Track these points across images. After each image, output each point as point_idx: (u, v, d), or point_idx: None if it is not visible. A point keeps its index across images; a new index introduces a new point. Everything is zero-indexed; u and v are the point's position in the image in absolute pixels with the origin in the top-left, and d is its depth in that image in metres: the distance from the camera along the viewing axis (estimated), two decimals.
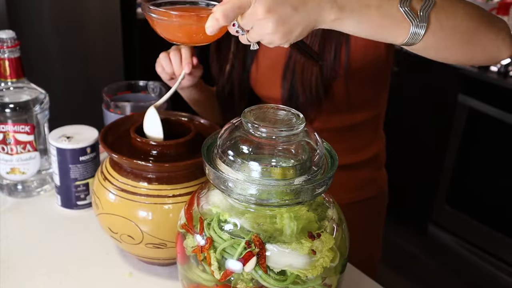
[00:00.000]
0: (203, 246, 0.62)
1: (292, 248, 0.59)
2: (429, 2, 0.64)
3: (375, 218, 1.18)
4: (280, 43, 0.63)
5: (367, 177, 1.13)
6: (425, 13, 0.63)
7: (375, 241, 1.21)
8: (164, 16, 0.67)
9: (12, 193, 1.03)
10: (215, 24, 0.62)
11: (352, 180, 1.10)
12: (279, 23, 0.60)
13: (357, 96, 1.01)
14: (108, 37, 2.46)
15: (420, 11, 0.63)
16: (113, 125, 0.87)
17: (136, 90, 1.14)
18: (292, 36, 0.62)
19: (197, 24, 0.65)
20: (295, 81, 0.97)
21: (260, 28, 0.61)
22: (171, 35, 0.71)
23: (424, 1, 0.64)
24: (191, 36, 0.69)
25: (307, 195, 0.60)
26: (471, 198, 2.25)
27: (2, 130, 0.97)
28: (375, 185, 1.15)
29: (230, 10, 0.60)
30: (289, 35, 0.62)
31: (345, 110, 1.02)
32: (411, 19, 0.63)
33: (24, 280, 0.81)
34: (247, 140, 0.61)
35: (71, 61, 2.37)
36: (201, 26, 0.64)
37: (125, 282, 0.82)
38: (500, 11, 2.42)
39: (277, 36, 0.61)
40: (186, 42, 0.72)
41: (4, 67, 0.96)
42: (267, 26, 0.60)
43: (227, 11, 0.60)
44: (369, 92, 1.04)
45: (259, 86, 1.10)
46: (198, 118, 0.90)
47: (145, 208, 0.76)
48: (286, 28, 0.61)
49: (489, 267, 2.18)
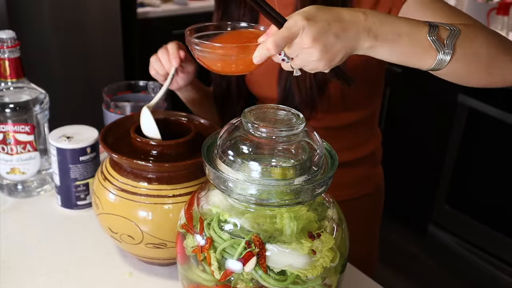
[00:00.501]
0: (203, 246, 0.62)
1: (292, 248, 0.59)
2: (454, 32, 0.69)
3: (371, 215, 1.19)
4: (323, 69, 0.67)
5: (364, 174, 1.13)
6: (450, 41, 0.69)
7: (372, 239, 1.21)
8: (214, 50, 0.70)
9: (12, 193, 1.03)
10: (265, 53, 0.66)
11: (348, 177, 1.10)
12: (324, 51, 0.64)
13: (352, 96, 1.02)
14: (108, 37, 2.46)
15: (446, 39, 0.68)
16: (113, 125, 0.87)
17: (136, 90, 1.14)
18: (334, 62, 0.67)
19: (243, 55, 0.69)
20: (290, 81, 0.98)
21: (306, 56, 0.65)
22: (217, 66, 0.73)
23: (450, 31, 0.69)
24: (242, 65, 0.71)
25: (307, 195, 0.60)
26: (471, 198, 2.25)
27: (2, 130, 0.97)
28: (372, 182, 1.15)
29: (281, 41, 0.64)
30: (332, 61, 0.66)
31: (340, 109, 1.03)
32: (438, 47, 0.68)
33: (24, 280, 0.81)
34: (247, 140, 0.61)
35: (71, 61, 2.37)
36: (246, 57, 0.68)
37: (125, 282, 0.82)
38: (500, 11, 2.42)
39: (322, 63, 0.66)
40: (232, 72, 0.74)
41: (4, 67, 0.96)
42: (313, 54, 0.65)
43: (279, 41, 0.64)
44: (364, 93, 1.05)
45: (255, 86, 1.10)
46: (198, 118, 0.90)
47: (145, 208, 0.76)
48: (330, 55, 0.65)
49: (489, 267, 2.18)
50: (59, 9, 2.27)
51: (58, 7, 2.26)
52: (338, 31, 0.64)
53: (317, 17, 0.64)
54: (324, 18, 0.64)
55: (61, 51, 2.33)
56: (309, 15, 0.64)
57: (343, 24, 0.65)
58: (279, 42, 0.64)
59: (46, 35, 2.27)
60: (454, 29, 0.70)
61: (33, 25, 2.21)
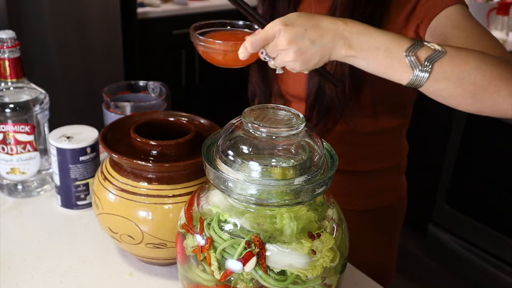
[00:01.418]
0: (203, 246, 0.62)
1: (292, 248, 0.59)
2: (439, 52, 0.69)
3: (391, 226, 1.17)
4: (300, 69, 0.72)
5: (386, 185, 1.11)
6: (430, 61, 0.68)
7: (390, 250, 1.19)
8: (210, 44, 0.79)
9: (12, 193, 1.03)
10: (244, 51, 0.73)
11: (370, 186, 1.09)
12: (298, 53, 0.69)
13: (382, 103, 1.01)
14: (108, 37, 2.46)
15: (426, 59, 0.68)
16: (113, 125, 0.87)
17: (136, 90, 1.14)
18: (310, 65, 0.71)
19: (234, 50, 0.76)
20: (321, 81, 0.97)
21: (283, 57, 0.71)
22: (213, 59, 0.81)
23: (434, 51, 0.69)
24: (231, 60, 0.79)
25: (307, 195, 0.60)
26: (471, 198, 2.25)
27: (2, 130, 0.97)
28: (394, 193, 1.13)
29: (257, 41, 0.71)
30: (308, 63, 0.71)
31: (369, 115, 1.02)
32: (413, 64, 0.69)
33: (24, 280, 0.81)
34: (247, 140, 0.61)
35: (71, 61, 2.37)
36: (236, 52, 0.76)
37: (125, 282, 0.82)
38: (500, 11, 2.42)
39: (297, 64, 0.71)
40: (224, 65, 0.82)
41: (4, 67, 0.96)
42: (288, 55, 0.70)
43: (255, 41, 0.71)
44: (394, 102, 1.04)
45: (284, 83, 1.09)
46: (198, 118, 0.90)
47: (145, 208, 0.76)
48: (305, 57, 0.70)
49: (489, 267, 2.18)
50: (59, 9, 2.27)
51: (58, 7, 2.26)
52: (314, 36, 0.69)
53: (296, 22, 0.69)
54: (302, 24, 0.69)
55: (61, 51, 2.33)
56: (288, 20, 0.69)
57: (320, 31, 0.69)
58: (255, 42, 0.71)
59: (46, 35, 2.27)
60: (440, 50, 0.69)
61: (33, 25, 2.21)
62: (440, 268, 2.36)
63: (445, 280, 2.30)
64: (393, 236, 1.18)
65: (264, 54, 0.73)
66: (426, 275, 2.33)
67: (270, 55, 0.73)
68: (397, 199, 1.14)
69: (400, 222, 1.19)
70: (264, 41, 0.71)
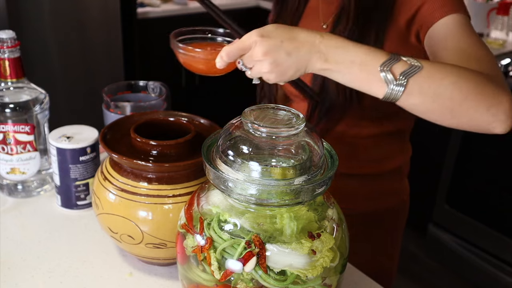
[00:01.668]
0: (203, 246, 0.62)
1: (292, 248, 0.59)
2: (414, 67, 0.69)
3: (393, 229, 1.16)
4: (276, 81, 0.72)
5: (388, 188, 1.11)
6: (405, 76, 0.68)
7: (392, 252, 1.18)
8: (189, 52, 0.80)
9: (12, 193, 1.03)
10: (221, 60, 0.74)
11: (372, 189, 1.08)
12: (274, 64, 0.70)
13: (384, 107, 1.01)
14: (108, 37, 2.46)
15: (401, 73, 0.68)
16: (113, 125, 0.87)
17: (136, 90, 1.14)
18: (286, 76, 0.71)
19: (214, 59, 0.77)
20: (327, 81, 0.96)
21: (259, 68, 0.71)
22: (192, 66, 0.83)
23: (410, 66, 0.69)
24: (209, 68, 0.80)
25: (307, 195, 0.60)
26: (471, 198, 2.25)
27: (2, 130, 0.97)
28: (395, 197, 1.13)
29: (233, 51, 0.72)
30: (283, 75, 0.71)
31: (372, 118, 1.01)
32: (387, 79, 0.69)
33: (24, 280, 0.81)
34: (247, 140, 0.61)
35: (71, 61, 2.37)
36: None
37: (125, 282, 0.82)
38: (500, 11, 2.42)
39: (273, 75, 0.71)
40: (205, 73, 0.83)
41: (4, 67, 0.96)
42: (264, 67, 0.70)
43: (231, 51, 0.72)
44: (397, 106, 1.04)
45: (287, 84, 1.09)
46: (198, 118, 0.90)
47: (145, 208, 0.76)
48: (280, 69, 0.70)
49: (489, 267, 2.18)
50: (59, 9, 2.27)
51: (58, 7, 2.26)
52: (290, 49, 0.69)
53: (272, 33, 0.69)
54: (278, 36, 0.69)
55: (61, 51, 2.33)
56: (265, 32, 0.69)
57: (297, 43, 0.69)
58: (231, 52, 0.72)
59: (46, 35, 2.27)
60: (417, 65, 0.69)
61: (33, 25, 2.21)
62: (440, 268, 2.36)
63: (445, 280, 2.30)
64: (395, 237, 1.18)
65: (241, 64, 0.73)
66: (426, 275, 2.33)
67: (246, 65, 0.73)
68: (399, 202, 1.14)
69: (403, 224, 1.19)
70: (240, 51, 0.71)
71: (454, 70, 0.70)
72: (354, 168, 1.06)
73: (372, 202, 1.10)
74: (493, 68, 0.76)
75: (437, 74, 0.69)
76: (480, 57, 0.79)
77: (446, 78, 0.69)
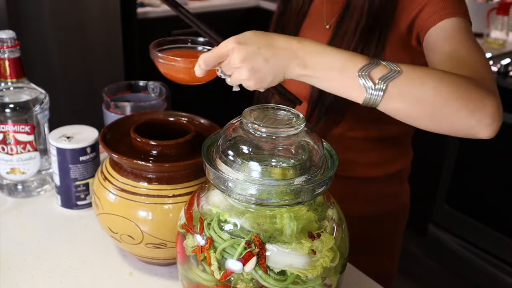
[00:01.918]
0: (203, 246, 0.62)
1: (292, 248, 0.59)
2: (393, 72, 0.67)
3: (393, 232, 1.16)
4: (255, 88, 0.72)
5: (387, 191, 1.10)
6: (384, 81, 0.67)
7: (392, 255, 1.18)
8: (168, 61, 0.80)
9: (12, 193, 1.03)
10: (199, 68, 0.73)
11: (371, 193, 1.07)
12: (252, 71, 0.69)
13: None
14: (108, 37, 2.45)
15: (380, 78, 0.67)
16: (113, 125, 0.87)
17: (136, 90, 1.14)
18: (264, 83, 0.71)
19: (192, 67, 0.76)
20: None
21: (237, 75, 0.71)
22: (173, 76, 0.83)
23: (390, 70, 0.67)
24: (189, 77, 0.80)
25: (307, 195, 0.60)
26: (471, 198, 2.25)
27: (2, 130, 0.97)
28: (395, 200, 1.12)
29: (210, 59, 0.71)
30: (262, 82, 0.71)
31: (370, 121, 1.00)
32: (365, 84, 0.67)
33: (24, 280, 0.81)
34: (247, 140, 0.61)
35: (71, 61, 2.37)
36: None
37: (125, 282, 0.82)
38: (500, 11, 2.42)
39: (251, 82, 0.71)
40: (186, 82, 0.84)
41: (4, 67, 0.96)
42: (242, 74, 0.70)
43: (208, 59, 0.71)
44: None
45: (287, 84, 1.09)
46: (198, 118, 0.90)
47: (145, 208, 0.76)
48: (259, 76, 0.70)
49: (489, 267, 2.18)
50: (59, 9, 2.27)
51: (58, 7, 2.26)
52: (268, 55, 0.68)
53: (249, 40, 0.69)
54: (255, 43, 0.69)
55: (61, 51, 2.33)
56: (242, 38, 0.69)
57: (274, 50, 0.69)
58: (208, 59, 0.71)
59: (46, 35, 2.27)
60: (396, 69, 0.67)
61: (33, 25, 2.21)
62: (440, 268, 2.36)
63: (445, 280, 2.30)
64: (396, 240, 1.17)
65: (220, 71, 0.73)
66: (426, 275, 2.33)
67: (225, 73, 0.73)
68: (398, 206, 1.13)
69: (403, 226, 1.18)
70: (218, 59, 0.71)
71: (436, 75, 0.69)
72: (353, 171, 1.05)
73: (372, 205, 1.09)
74: (485, 73, 0.75)
75: (417, 78, 0.68)
76: (473, 62, 0.77)
77: (427, 82, 0.68)
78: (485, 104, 0.69)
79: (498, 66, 2.06)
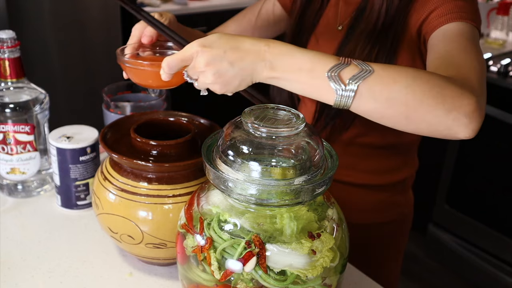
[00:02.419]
0: (203, 246, 0.62)
1: (292, 248, 0.59)
2: (364, 72, 0.65)
3: (395, 241, 1.14)
4: (221, 92, 0.70)
5: (390, 200, 1.08)
6: (354, 81, 0.65)
7: (393, 264, 1.17)
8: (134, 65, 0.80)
9: (12, 193, 1.03)
10: (164, 72, 0.72)
11: (373, 201, 1.06)
12: (216, 75, 0.68)
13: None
14: (108, 36, 2.46)
15: (350, 78, 0.64)
16: (113, 125, 0.87)
17: (136, 90, 1.14)
18: (231, 87, 0.69)
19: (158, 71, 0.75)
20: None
21: (203, 79, 0.69)
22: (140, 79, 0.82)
23: (361, 70, 0.65)
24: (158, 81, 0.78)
25: (307, 195, 0.60)
26: (471, 198, 2.25)
27: (2, 130, 0.97)
28: (397, 209, 1.10)
29: (173, 62, 0.70)
30: (228, 86, 0.69)
31: (376, 129, 0.98)
32: (334, 85, 0.65)
33: (24, 280, 0.81)
34: (247, 140, 0.61)
35: (71, 61, 2.37)
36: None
37: (125, 282, 0.82)
38: (500, 11, 2.42)
39: (217, 86, 0.69)
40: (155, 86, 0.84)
41: (4, 67, 0.96)
42: (207, 78, 0.68)
43: (171, 62, 0.71)
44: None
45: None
46: (198, 118, 0.90)
47: (145, 208, 0.76)
48: (224, 80, 0.68)
49: (489, 267, 2.18)
50: (59, 9, 2.27)
51: (58, 7, 2.26)
52: (233, 59, 0.67)
53: (214, 44, 0.67)
54: (220, 46, 0.67)
55: (61, 51, 2.33)
56: (207, 42, 0.68)
57: (240, 53, 0.67)
58: (171, 63, 0.70)
59: (46, 35, 2.27)
60: (367, 69, 0.65)
61: (33, 25, 2.21)
62: (440, 268, 2.36)
63: (445, 280, 2.30)
64: (397, 251, 1.16)
65: (186, 75, 0.72)
66: (426, 275, 2.33)
67: (191, 77, 0.71)
68: (401, 214, 1.11)
69: (404, 239, 1.16)
70: (181, 62, 0.70)
71: (409, 74, 0.66)
72: (358, 178, 1.04)
73: (375, 213, 1.08)
74: (470, 73, 0.71)
75: (389, 77, 0.65)
76: (461, 62, 0.74)
77: (399, 81, 0.65)
78: (462, 103, 0.65)
79: (498, 66, 2.06)
